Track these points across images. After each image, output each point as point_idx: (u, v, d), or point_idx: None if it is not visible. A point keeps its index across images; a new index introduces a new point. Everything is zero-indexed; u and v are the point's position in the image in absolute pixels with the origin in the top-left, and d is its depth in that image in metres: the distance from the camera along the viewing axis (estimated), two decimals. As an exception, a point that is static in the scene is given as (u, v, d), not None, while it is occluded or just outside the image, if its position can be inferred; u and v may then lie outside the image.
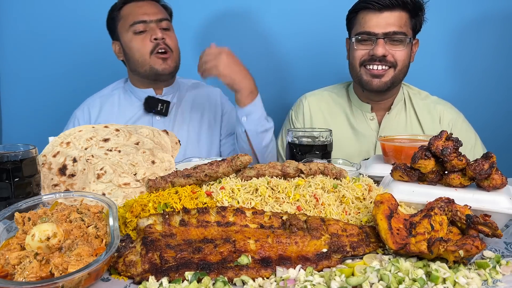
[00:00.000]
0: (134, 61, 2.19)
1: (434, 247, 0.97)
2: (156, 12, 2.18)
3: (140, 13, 2.15)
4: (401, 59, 2.04)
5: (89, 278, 0.90)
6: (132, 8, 2.18)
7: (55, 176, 1.44)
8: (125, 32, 2.18)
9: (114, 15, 2.23)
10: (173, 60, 2.20)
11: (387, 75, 2.05)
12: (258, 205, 1.21)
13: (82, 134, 1.58)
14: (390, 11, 1.99)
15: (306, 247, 1.04)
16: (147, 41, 2.14)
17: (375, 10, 2.00)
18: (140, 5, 2.18)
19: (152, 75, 2.19)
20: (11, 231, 1.06)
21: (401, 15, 2.00)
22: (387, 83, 2.06)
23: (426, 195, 1.22)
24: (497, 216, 1.15)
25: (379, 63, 2.02)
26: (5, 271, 0.89)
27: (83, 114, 2.29)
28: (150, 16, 2.15)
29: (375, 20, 2.01)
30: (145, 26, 2.14)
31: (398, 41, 2.01)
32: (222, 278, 0.92)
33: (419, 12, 2.04)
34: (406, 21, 2.02)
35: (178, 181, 1.32)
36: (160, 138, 1.63)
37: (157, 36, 2.13)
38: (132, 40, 2.16)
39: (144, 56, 2.15)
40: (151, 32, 2.14)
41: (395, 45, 2.02)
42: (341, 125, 2.24)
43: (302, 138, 1.71)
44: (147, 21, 2.14)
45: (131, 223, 1.17)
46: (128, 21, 2.16)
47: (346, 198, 1.25)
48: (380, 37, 2.00)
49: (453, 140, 1.23)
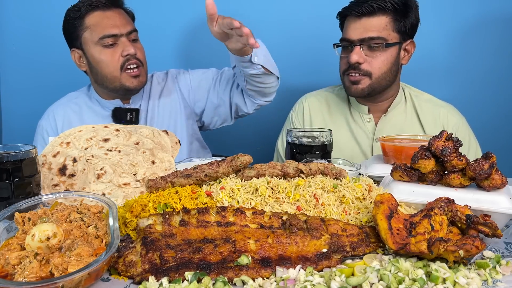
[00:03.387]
0: (103, 76, 2.08)
1: (434, 247, 0.97)
2: (125, 23, 2.07)
3: (110, 26, 2.03)
4: (377, 66, 2.01)
5: (89, 278, 0.90)
6: (99, 19, 2.05)
7: (55, 176, 1.44)
8: (92, 44, 2.05)
9: (76, 23, 2.07)
10: (144, 74, 2.13)
11: (363, 82, 2.03)
12: (258, 205, 1.21)
13: (82, 134, 1.58)
14: (369, 16, 1.97)
15: (306, 247, 1.04)
16: (117, 56, 2.04)
17: (355, 17, 2.00)
18: (108, 15, 2.05)
19: (122, 91, 2.11)
20: (11, 231, 1.06)
21: (381, 19, 1.98)
22: (364, 90, 2.04)
23: (426, 195, 1.22)
24: (497, 216, 1.15)
25: (354, 71, 2.02)
26: (5, 271, 0.89)
27: (49, 123, 2.22)
28: (120, 29, 2.04)
29: (353, 27, 2.01)
30: (115, 40, 2.04)
31: (376, 46, 1.99)
32: (222, 278, 0.92)
33: (408, 12, 2.00)
34: (388, 25, 1.99)
35: (178, 181, 1.32)
36: (160, 138, 1.63)
37: (130, 52, 2.03)
38: (101, 54, 2.04)
39: (114, 72, 2.05)
40: (122, 47, 2.04)
41: (373, 51, 2.00)
42: (340, 126, 2.24)
43: (302, 138, 1.71)
44: (118, 35, 2.04)
45: (131, 223, 1.17)
46: (96, 33, 2.03)
47: (346, 198, 1.25)
48: (356, 44, 1.99)
49: (453, 140, 1.23)
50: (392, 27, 2.00)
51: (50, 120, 2.24)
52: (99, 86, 2.17)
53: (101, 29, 2.03)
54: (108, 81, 2.09)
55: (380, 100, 2.17)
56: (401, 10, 1.99)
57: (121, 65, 2.05)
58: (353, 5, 2.02)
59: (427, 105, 2.21)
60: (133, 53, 2.05)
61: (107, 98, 2.21)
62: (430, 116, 2.18)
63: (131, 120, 2.17)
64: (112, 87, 2.11)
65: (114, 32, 2.03)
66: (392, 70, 2.06)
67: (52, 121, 2.23)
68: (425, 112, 2.19)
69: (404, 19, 2.01)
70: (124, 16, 2.12)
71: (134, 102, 2.24)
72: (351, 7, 2.01)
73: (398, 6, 1.98)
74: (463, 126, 2.19)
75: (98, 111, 2.23)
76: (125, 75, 2.07)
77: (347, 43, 2.03)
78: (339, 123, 2.25)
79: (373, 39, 1.98)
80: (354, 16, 2.00)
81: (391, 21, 1.99)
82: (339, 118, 2.26)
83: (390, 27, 2.00)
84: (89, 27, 2.06)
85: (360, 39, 1.98)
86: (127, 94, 2.17)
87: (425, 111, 2.19)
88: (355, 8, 1.98)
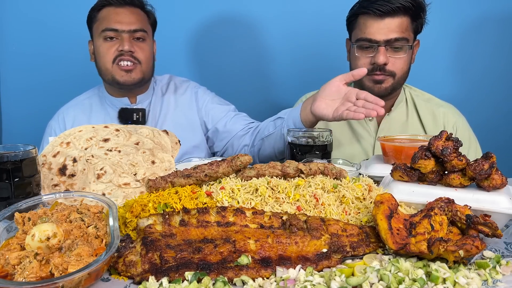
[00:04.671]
0: (99, 67, 2.17)
1: (434, 247, 0.97)
2: (132, 22, 2.12)
3: (114, 21, 2.09)
4: (400, 67, 2.02)
5: (89, 278, 0.90)
6: (109, 13, 2.12)
7: (55, 176, 1.44)
8: (97, 35, 2.13)
9: (92, 14, 2.17)
10: (140, 72, 2.15)
11: (387, 81, 2.04)
12: (258, 205, 1.21)
13: (82, 134, 1.58)
14: (392, 17, 1.94)
15: (306, 247, 1.04)
16: (113, 49, 2.10)
17: (376, 16, 1.95)
18: (118, 11, 2.12)
19: (115, 84, 2.16)
20: (11, 231, 1.06)
21: (403, 20, 1.96)
22: (388, 89, 2.06)
23: (426, 195, 1.22)
24: (497, 216, 1.15)
25: (379, 72, 2.01)
26: (5, 271, 0.89)
27: (58, 124, 2.26)
28: (123, 26, 2.09)
29: (376, 26, 1.96)
30: (116, 34, 2.10)
31: (400, 47, 1.99)
32: (222, 278, 0.92)
33: (421, 13, 2.01)
34: (408, 26, 1.99)
35: (178, 181, 1.32)
36: (160, 138, 1.63)
37: (124, 49, 2.08)
38: (101, 46, 2.12)
39: (107, 64, 2.12)
40: (120, 42, 2.10)
41: (396, 52, 2.00)
42: (341, 125, 2.24)
43: (302, 138, 1.71)
44: (119, 30, 2.09)
45: (131, 223, 1.17)
46: (101, 26, 2.11)
47: (346, 198, 1.25)
48: (381, 45, 1.96)
49: (453, 140, 1.23)
50: (410, 27, 2.00)
51: (59, 121, 2.27)
52: (103, 80, 2.23)
53: (106, 23, 2.11)
54: (103, 72, 2.17)
55: (387, 99, 2.17)
56: (417, 10, 1.99)
57: (113, 58, 2.11)
58: (373, 3, 1.95)
59: (427, 104, 2.21)
60: (127, 50, 2.09)
61: (115, 94, 2.25)
62: (430, 115, 2.19)
63: (138, 121, 2.19)
64: (107, 80, 2.17)
65: (115, 26, 2.09)
66: (407, 71, 2.08)
67: (61, 122, 2.26)
68: (425, 111, 2.19)
69: (418, 19, 2.02)
70: (136, 15, 2.16)
71: (141, 102, 2.26)
72: (372, 6, 1.95)
73: (414, 7, 1.97)
74: (463, 125, 2.20)
75: (107, 112, 2.25)
76: (116, 67, 2.12)
77: (370, 43, 1.99)
78: (340, 123, 2.25)
79: (398, 40, 1.96)
80: (375, 15, 1.95)
81: (410, 21, 1.99)
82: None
83: (409, 28, 2.00)
84: (99, 20, 2.14)
85: (386, 40, 1.95)
86: (121, 88, 2.19)
87: (425, 110, 2.20)
88: (378, 7, 1.93)
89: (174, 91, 2.35)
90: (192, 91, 2.36)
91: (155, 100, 2.29)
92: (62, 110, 2.31)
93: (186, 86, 2.38)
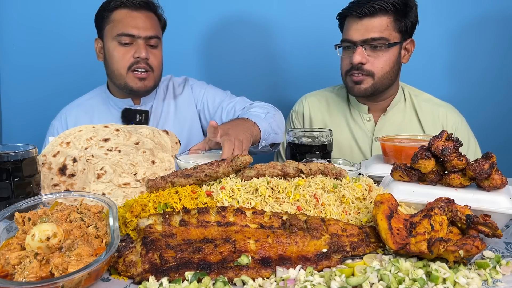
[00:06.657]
0: (112, 71, 2.13)
1: (434, 247, 0.97)
2: (148, 27, 2.09)
3: (130, 25, 2.06)
4: (380, 67, 2.02)
5: (89, 278, 0.90)
6: (124, 16, 2.08)
7: (55, 176, 1.44)
8: (110, 38, 2.09)
9: (104, 14, 2.12)
10: (152, 79, 2.14)
11: (366, 82, 2.04)
12: (258, 205, 1.21)
13: (82, 134, 1.58)
14: (370, 17, 1.97)
15: (306, 247, 1.04)
16: (129, 55, 2.07)
17: (356, 18, 2.00)
18: (134, 15, 2.08)
19: (126, 89, 2.13)
20: (11, 231, 1.06)
21: (382, 20, 1.98)
22: (367, 90, 2.06)
23: (426, 195, 1.22)
24: (497, 216, 1.15)
25: (357, 71, 2.03)
26: (5, 271, 0.89)
27: (61, 124, 2.25)
28: (139, 31, 2.06)
29: (354, 27, 2.01)
30: (132, 40, 2.07)
31: (378, 46, 2.00)
32: (222, 278, 0.92)
33: (408, 12, 2.01)
34: (389, 25, 1.99)
35: (178, 181, 1.32)
36: (160, 138, 1.63)
37: (141, 56, 2.05)
38: (115, 50, 2.08)
39: (121, 70, 2.09)
40: (136, 48, 2.07)
41: (375, 51, 2.01)
42: (340, 125, 2.24)
43: (302, 138, 1.71)
44: (135, 36, 2.06)
45: (131, 223, 1.17)
46: (116, 29, 2.07)
47: (346, 198, 1.25)
48: (358, 45, 2.00)
49: (453, 140, 1.23)
50: (393, 27, 2.01)
51: (62, 121, 2.26)
52: (111, 81, 2.21)
53: (121, 26, 2.07)
54: (115, 76, 2.13)
55: (380, 99, 2.17)
56: (401, 10, 1.99)
57: (129, 65, 2.08)
58: (353, 6, 2.01)
59: (426, 104, 2.21)
60: (144, 57, 2.07)
61: (119, 95, 2.24)
62: (429, 115, 2.19)
63: (140, 122, 2.18)
64: (118, 84, 2.15)
65: (132, 32, 2.06)
66: (394, 70, 2.07)
67: (64, 121, 2.25)
68: (424, 111, 2.19)
69: (405, 19, 2.02)
70: (151, 20, 2.13)
71: (144, 104, 2.26)
72: (352, 8, 2.01)
73: (399, 6, 1.98)
74: (462, 125, 2.20)
75: (111, 112, 2.24)
76: (130, 75, 2.09)
77: (349, 43, 2.03)
78: (339, 123, 2.25)
79: (375, 40, 1.98)
80: (355, 17, 2.00)
81: (392, 21, 2.00)
82: (339, 117, 2.27)
83: (391, 27, 2.00)
84: (112, 22, 2.10)
85: (362, 39, 1.99)
86: (131, 94, 2.18)
87: (424, 110, 2.20)
88: (356, 9, 1.98)
89: (173, 95, 2.35)
90: (188, 86, 2.37)
91: (157, 103, 2.30)
92: (64, 110, 2.30)
93: (183, 85, 2.38)
